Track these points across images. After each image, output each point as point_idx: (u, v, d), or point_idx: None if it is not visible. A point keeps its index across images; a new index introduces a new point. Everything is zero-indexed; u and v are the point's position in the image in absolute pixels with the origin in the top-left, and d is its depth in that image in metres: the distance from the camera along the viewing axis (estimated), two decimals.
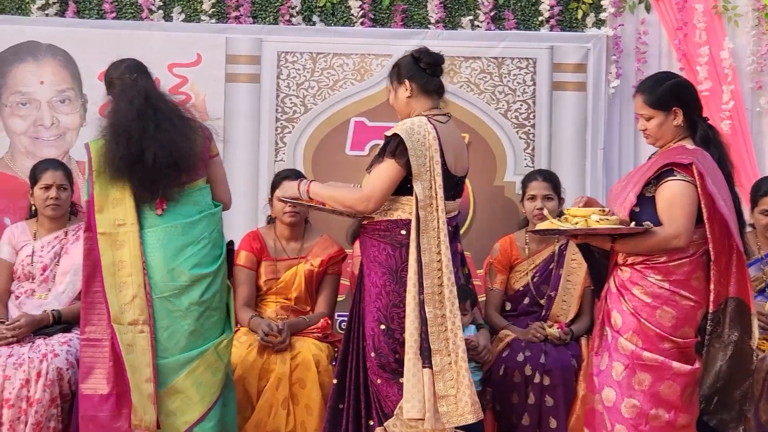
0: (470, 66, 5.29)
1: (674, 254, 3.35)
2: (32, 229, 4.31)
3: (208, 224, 3.81)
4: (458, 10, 5.37)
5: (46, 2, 5.24)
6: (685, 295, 3.37)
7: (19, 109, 5.18)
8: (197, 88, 5.21)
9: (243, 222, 4.98)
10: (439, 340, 3.47)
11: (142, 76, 3.85)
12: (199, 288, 3.74)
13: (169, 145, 3.68)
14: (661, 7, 5.40)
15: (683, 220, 3.33)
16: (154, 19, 5.26)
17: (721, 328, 3.40)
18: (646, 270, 3.37)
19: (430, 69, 3.65)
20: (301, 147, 5.23)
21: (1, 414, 3.84)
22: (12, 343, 4.01)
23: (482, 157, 5.25)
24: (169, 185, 3.72)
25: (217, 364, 3.76)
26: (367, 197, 3.52)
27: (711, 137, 3.47)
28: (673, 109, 3.44)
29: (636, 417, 3.36)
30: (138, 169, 3.67)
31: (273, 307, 4.32)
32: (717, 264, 3.36)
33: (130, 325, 3.66)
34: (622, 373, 3.38)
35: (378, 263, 3.56)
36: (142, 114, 3.69)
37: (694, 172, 3.33)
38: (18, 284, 4.25)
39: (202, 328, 3.75)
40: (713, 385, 3.43)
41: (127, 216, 3.72)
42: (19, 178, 5.06)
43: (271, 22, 5.31)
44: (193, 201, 3.80)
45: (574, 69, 5.31)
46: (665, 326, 3.36)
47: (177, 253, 3.73)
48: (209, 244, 3.79)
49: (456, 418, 3.47)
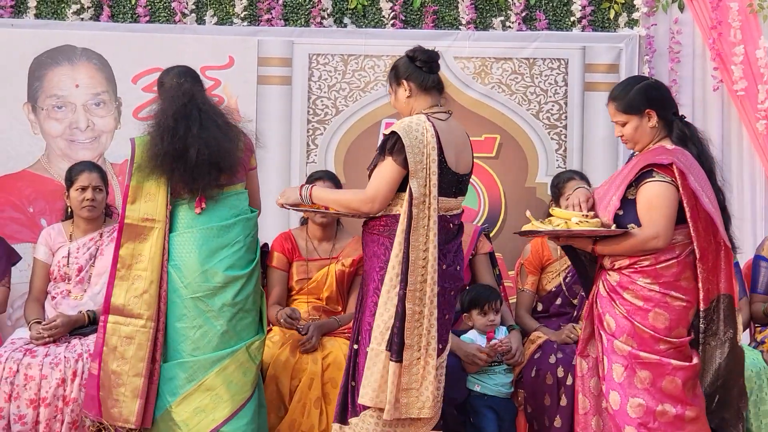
0: (501, 67, 5.28)
1: (660, 256, 3.36)
2: (68, 231, 4.36)
3: (243, 228, 3.88)
4: (489, 10, 5.36)
5: (81, 7, 5.31)
6: (676, 296, 3.37)
7: (55, 112, 5.25)
8: (229, 90, 5.25)
9: (274, 223, 5.01)
10: (413, 336, 3.49)
11: (190, 80, 3.92)
12: (233, 289, 3.80)
13: (213, 144, 3.76)
14: (695, 6, 5.36)
15: (662, 221, 3.34)
16: (186, 22, 5.31)
17: (715, 325, 3.41)
18: (634, 274, 3.38)
19: (426, 67, 3.66)
20: (332, 148, 5.25)
21: (38, 413, 3.89)
22: (48, 342, 4.06)
23: (514, 158, 5.25)
24: (209, 184, 3.79)
25: (249, 364, 3.81)
26: (372, 198, 3.54)
27: (688, 135, 3.48)
28: (646, 111, 3.45)
29: (643, 415, 3.35)
30: (180, 165, 3.74)
31: (305, 308, 4.34)
32: (703, 262, 3.36)
33: (133, 318, 3.74)
34: (623, 374, 3.38)
35: (376, 258, 3.58)
36: (185, 112, 3.77)
37: (675, 171, 3.33)
38: (54, 285, 4.30)
39: (234, 329, 3.80)
40: (713, 384, 3.42)
41: (157, 212, 3.80)
42: (55, 180, 5.13)
43: (303, 25, 5.33)
44: (230, 204, 3.87)
45: (606, 69, 5.29)
46: (659, 328, 3.36)
47: (212, 254, 3.79)
48: (244, 248, 3.86)
49: (415, 410, 3.51)
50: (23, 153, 5.22)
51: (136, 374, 3.72)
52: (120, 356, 3.74)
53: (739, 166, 5.43)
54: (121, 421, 3.72)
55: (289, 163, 5.24)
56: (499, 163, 5.30)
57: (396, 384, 3.48)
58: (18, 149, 5.22)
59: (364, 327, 3.60)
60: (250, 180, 4.01)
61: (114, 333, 3.75)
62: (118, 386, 3.73)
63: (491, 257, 4.50)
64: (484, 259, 4.46)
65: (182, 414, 3.74)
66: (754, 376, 4.05)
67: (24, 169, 5.24)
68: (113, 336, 3.75)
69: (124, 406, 3.72)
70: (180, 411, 3.75)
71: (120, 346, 3.74)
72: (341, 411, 3.62)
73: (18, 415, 3.87)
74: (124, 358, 3.74)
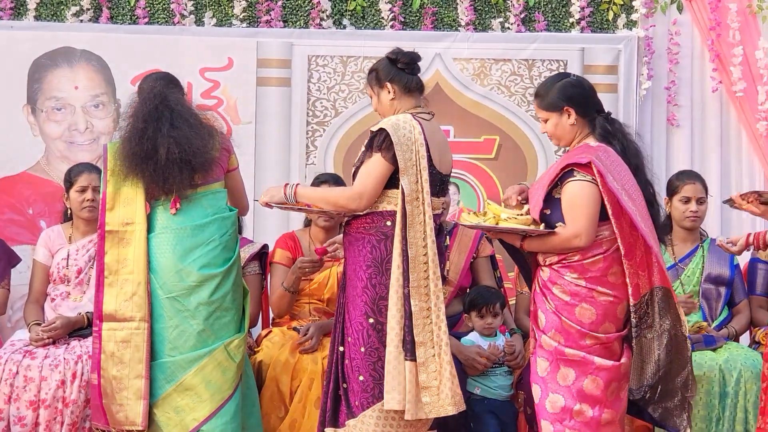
0: (501, 68, 5.28)
1: (588, 252, 3.40)
2: (67, 233, 4.36)
3: (219, 227, 3.86)
4: (488, 12, 5.37)
5: (80, 8, 5.31)
6: (603, 291, 3.41)
7: (55, 114, 5.25)
8: (229, 92, 5.25)
9: (275, 225, 5.03)
10: (424, 333, 3.49)
11: (164, 83, 3.92)
12: (208, 288, 3.79)
13: (183, 142, 3.75)
14: (694, 7, 5.36)
15: (583, 220, 3.38)
16: (186, 23, 5.31)
17: (650, 318, 3.45)
18: (562, 269, 3.43)
19: (408, 68, 3.66)
20: (332, 150, 5.25)
21: (37, 414, 3.89)
22: (48, 344, 4.06)
23: (513, 159, 5.25)
24: (182, 183, 3.78)
25: (228, 363, 3.79)
26: (359, 194, 3.53)
27: (611, 131, 3.52)
28: (565, 109, 3.50)
29: (560, 412, 3.39)
30: (150, 165, 3.74)
31: (306, 309, 4.35)
32: (629, 257, 3.40)
33: (126, 322, 3.75)
34: (547, 369, 3.43)
35: (362, 257, 3.57)
36: (156, 114, 3.78)
37: (594, 171, 3.37)
38: (54, 287, 4.30)
39: (212, 328, 3.79)
40: (655, 375, 3.46)
41: (136, 215, 3.80)
42: (55, 182, 5.13)
43: (302, 26, 5.34)
44: (205, 204, 3.86)
45: (605, 71, 5.29)
46: (585, 323, 3.40)
47: (186, 254, 3.79)
48: (219, 246, 3.84)
49: (437, 409, 3.50)
50: (22, 155, 5.22)
51: (137, 376, 3.73)
52: (119, 361, 3.74)
53: (738, 167, 5.43)
54: (128, 425, 3.73)
55: (289, 165, 5.24)
56: (498, 165, 5.30)
57: (414, 383, 3.47)
58: (17, 151, 5.22)
59: (354, 328, 3.57)
60: (233, 180, 4.00)
61: (110, 339, 3.76)
62: (121, 390, 3.73)
63: (492, 260, 4.50)
64: (485, 262, 4.46)
65: (162, 414, 3.75)
66: (753, 378, 4.05)
67: (23, 171, 5.24)
68: (110, 342, 3.75)
69: (129, 409, 3.72)
70: (160, 412, 3.75)
71: (117, 351, 3.74)
72: (333, 415, 3.60)
73: (18, 417, 3.87)
74: (123, 362, 3.74)
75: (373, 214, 3.57)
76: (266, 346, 4.23)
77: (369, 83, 3.73)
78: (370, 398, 3.54)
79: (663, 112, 5.40)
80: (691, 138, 5.40)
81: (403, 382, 3.47)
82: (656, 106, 5.39)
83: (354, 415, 3.56)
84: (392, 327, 3.49)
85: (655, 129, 5.40)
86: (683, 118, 5.39)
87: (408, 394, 3.46)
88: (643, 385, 3.48)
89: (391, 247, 3.53)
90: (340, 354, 3.60)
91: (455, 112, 5.29)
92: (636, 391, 3.50)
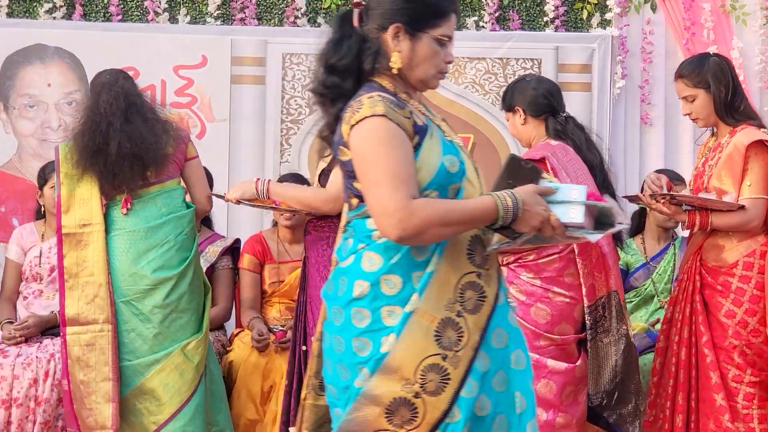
0: (475, 66, 5.30)
1: (541, 251, 3.42)
2: (40, 231, 4.34)
3: (174, 227, 3.78)
4: (463, 10, 5.37)
5: (53, 5, 5.28)
6: (558, 291, 3.43)
7: (27, 112, 5.22)
8: (203, 89, 5.24)
9: (249, 224, 5.01)
10: None
11: (122, 79, 3.83)
12: (163, 291, 3.72)
13: (135, 136, 3.67)
14: (668, 6, 5.39)
15: None
16: (159, 21, 5.29)
17: (608, 322, 3.47)
18: (518, 269, 3.45)
19: None
20: (306, 148, 5.25)
21: (9, 413, 3.87)
22: (20, 343, 4.04)
23: (487, 158, 5.26)
24: (134, 179, 3.70)
25: (186, 365, 3.74)
26: (334, 198, 3.49)
27: (562, 129, 3.58)
28: (515, 108, 3.61)
29: None
30: (100, 159, 3.66)
31: (277, 308, 4.34)
32: (584, 257, 3.42)
33: (89, 325, 3.69)
34: None
35: (328, 256, 3.49)
36: (110, 107, 3.69)
37: (548, 166, 3.41)
38: (26, 285, 4.28)
39: (168, 331, 3.74)
40: (612, 381, 3.49)
41: (93, 216, 3.72)
42: (27, 180, 5.09)
43: (276, 24, 5.33)
44: (159, 203, 3.78)
45: (579, 69, 5.32)
46: (540, 323, 3.41)
47: (139, 257, 3.72)
48: (174, 247, 3.76)
49: None
50: None
51: (104, 379, 3.68)
52: (85, 365, 3.69)
53: None
54: (98, 429, 3.68)
55: (263, 163, 5.22)
56: None
57: None
58: None
59: None
60: (192, 170, 3.89)
61: (75, 343, 3.70)
62: (90, 395, 3.69)
63: None
64: None
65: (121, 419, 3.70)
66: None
67: None
68: (75, 346, 3.70)
69: (98, 413, 3.68)
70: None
71: (83, 355, 3.69)
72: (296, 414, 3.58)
73: None
74: (89, 366, 3.69)
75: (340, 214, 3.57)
76: (237, 346, 4.23)
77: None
78: None
79: (637, 110, 5.43)
80: (664, 136, 5.43)
81: None
82: (630, 105, 5.42)
83: None
84: None
85: (629, 128, 5.43)
86: (657, 116, 5.42)
87: None
88: (600, 391, 3.49)
89: None
90: (302, 353, 3.58)
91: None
92: (594, 397, 3.51)
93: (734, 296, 3.45)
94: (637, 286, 4.46)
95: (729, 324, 3.44)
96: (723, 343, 3.46)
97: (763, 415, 3.45)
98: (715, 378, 3.44)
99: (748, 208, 3.41)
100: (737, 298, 3.44)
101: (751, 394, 3.44)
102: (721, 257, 3.48)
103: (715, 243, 3.51)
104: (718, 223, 3.46)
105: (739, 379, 3.45)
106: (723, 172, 3.45)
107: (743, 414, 3.44)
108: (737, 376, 3.45)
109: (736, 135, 3.47)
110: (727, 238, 3.48)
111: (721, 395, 3.43)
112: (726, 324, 3.45)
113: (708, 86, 3.50)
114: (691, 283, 3.53)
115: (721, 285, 3.46)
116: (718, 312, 3.47)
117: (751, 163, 3.41)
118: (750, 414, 3.43)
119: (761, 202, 3.42)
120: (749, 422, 3.43)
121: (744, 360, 3.44)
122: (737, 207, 3.41)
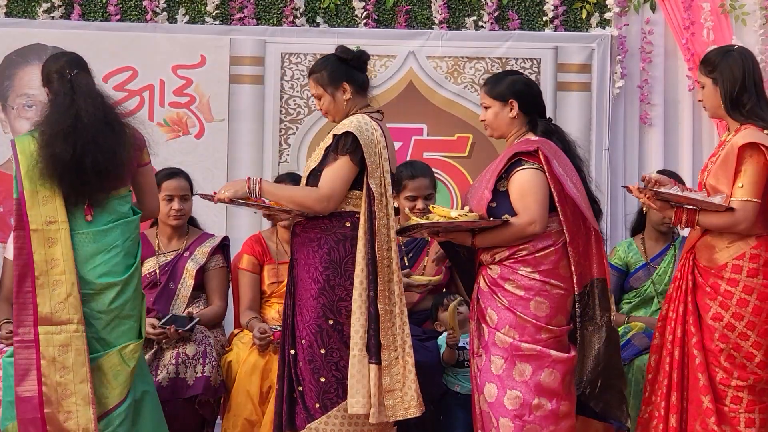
0: (474, 66, 5.29)
1: (538, 244, 3.45)
2: None
3: (122, 232, 3.67)
4: (462, 10, 5.37)
5: (51, 5, 5.27)
6: (555, 283, 3.46)
7: (26, 111, 5.21)
8: (201, 89, 5.23)
9: (247, 224, 5.02)
10: (387, 336, 3.48)
11: (82, 73, 3.70)
12: (107, 296, 3.63)
13: (106, 150, 3.57)
14: (667, 6, 5.38)
15: (536, 206, 3.44)
16: (158, 21, 5.28)
17: (591, 310, 3.49)
18: (515, 264, 3.47)
19: (359, 66, 3.65)
20: (305, 148, 5.24)
21: None
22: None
23: (486, 158, 5.22)
24: (101, 191, 3.62)
25: (120, 367, 3.64)
26: (327, 197, 3.50)
27: (553, 130, 3.61)
28: (510, 101, 3.57)
29: (519, 408, 3.41)
30: (72, 171, 3.55)
31: (276, 308, 4.33)
32: (573, 245, 3.45)
33: (64, 325, 3.58)
34: (502, 366, 3.44)
35: (318, 258, 3.53)
36: (93, 119, 3.58)
37: (541, 157, 3.44)
38: None
39: (109, 336, 3.64)
40: (595, 369, 3.49)
41: (57, 214, 3.61)
42: None
43: (275, 24, 5.32)
44: (110, 209, 3.67)
45: (578, 69, 5.31)
46: (540, 316, 3.44)
47: (87, 260, 3.62)
48: (121, 253, 3.66)
49: (401, 411, 3.49)
50: None
51: (82, 381, 3.57)
52: (61, 366, 3.57)
53: None
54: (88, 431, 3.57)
55: (262, 163, 5.22)
56: (471, 163, 5.30)
57: (378, 386, 3.46)
58: None
59: (310, 330, 3.53)
60: (143, 177, 3.77)
61: (49, 344, 3.57)
62: (67, 397, 3.57)
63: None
64: None
65: None
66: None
67: None
68: (48, 347, 3.57)
69: (80, 416, 3.57)
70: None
71: (58, 356, 3.57)
72: (289, 418, 3.56)
73: None
74: (66, 367, 3.57)
75: (332, 216, 3.55)
76: (236, 346, 4.21)
77: (319, 83, 3.63)
78: (334, 398, 3.53)
79: (636, 110, 5.42)
80: (663, 136, 5.42)
81: (368, 386, 3.46)
82: (629, 105, 5.41)
83: (313, 417, 3.53)
84: (356, 330, 3.48)
85: (628, 128, 5.42)
86: (656, 116, 5.42)
87: (372, 397, 3.45)
88: (583, 380, 3.50)
89: (350, 249, 3.51)
90: (291, 357, 3.56)
91: (429, 110, 5.29)
92: (576, 387, 3.51)
93: (722, 299, 3.44)
94: (637, 286, 4.45)
95: (716, 327, 3.44)
96: (711, 346, 3.46)
97: (751, 419, 3.44)
98: (703, 380, 3.44)
99: (736, 210, 3.39)
100: (724, 301, 3.44)
101: (738, 397, 3.44)
102: (713, 258, 3.48)
103: (707, 243, 3.50)
104: (704, 222, 3.46)
105: (727, 382, 3.44)
106: (719, 172, 3.45)
107: (730, 417, 3.43)
108: (725, 378, 3.44)
109: (737, 134, 3.46)
110: (718, 238, 3.48)
111: (708, 398, 3.43)
112: (713, 327, 3.45)
113: (716, 77, 3.48)
114: (684, 282, 3.54)
115: (711, 287, 3.46)
116: (705, 314, 3.47)
117: (744, 164, 3.39)
118: (737, 417, 3.43)
119: (751, 205, 3.40)
120: (736, 425, 3.43)
121: (731, 363, 3.44)
122: (724, 208, 3.40)
